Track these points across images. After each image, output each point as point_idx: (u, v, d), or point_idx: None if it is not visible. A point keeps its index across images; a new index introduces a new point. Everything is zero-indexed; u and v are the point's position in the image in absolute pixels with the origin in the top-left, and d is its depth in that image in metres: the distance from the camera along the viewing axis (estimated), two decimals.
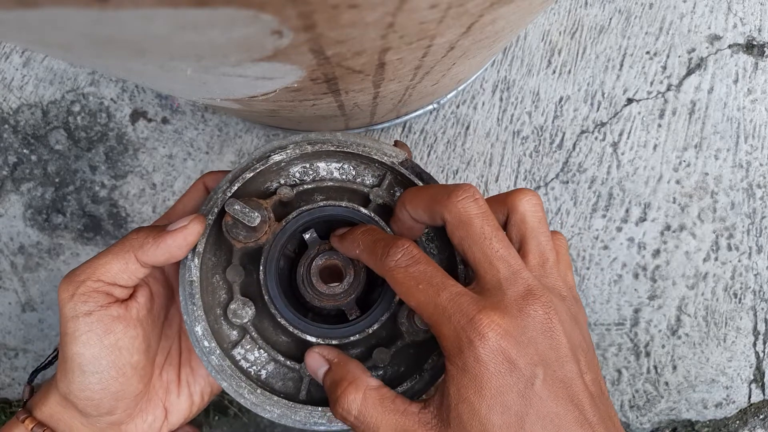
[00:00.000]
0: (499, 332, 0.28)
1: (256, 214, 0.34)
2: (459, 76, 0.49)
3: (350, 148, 0.36)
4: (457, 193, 0.31)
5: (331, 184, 0.38)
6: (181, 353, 0.40)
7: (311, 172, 0.38)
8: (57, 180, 0.63)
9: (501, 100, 0.63)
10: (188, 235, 0.33)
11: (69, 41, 0.22)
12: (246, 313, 0.36)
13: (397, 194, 0.39)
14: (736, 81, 0.64)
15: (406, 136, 0.63)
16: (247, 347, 0.37)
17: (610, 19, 0.64)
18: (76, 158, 0.63)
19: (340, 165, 0.38)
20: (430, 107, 0.62)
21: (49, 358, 0.40)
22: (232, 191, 0.35)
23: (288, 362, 0.36)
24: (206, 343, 0.35)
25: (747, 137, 0.64)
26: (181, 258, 0.34)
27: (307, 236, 0.38)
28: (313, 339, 0.36)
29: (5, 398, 0.65)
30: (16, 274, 0.64)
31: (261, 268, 0.36)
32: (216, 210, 0.35)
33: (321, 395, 0.37)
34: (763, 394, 0.65)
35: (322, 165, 0.38)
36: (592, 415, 0.28)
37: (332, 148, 0.36)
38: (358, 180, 0.38)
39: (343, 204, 0.36)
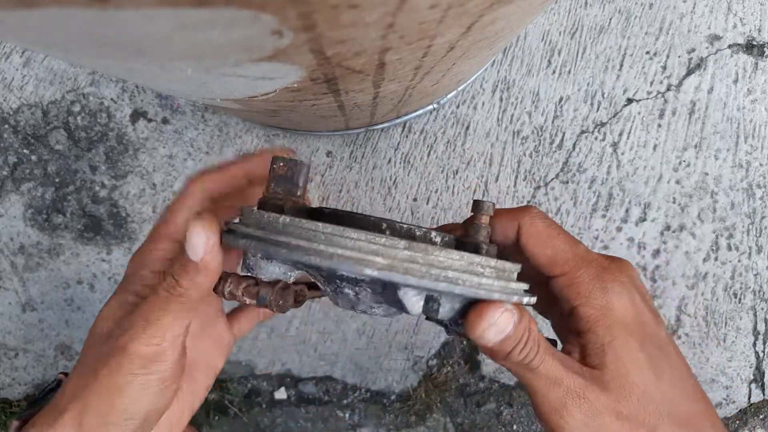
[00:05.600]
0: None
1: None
2: (459, 76, 0.49)
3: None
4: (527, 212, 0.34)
5: None
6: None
7: None
8: (57, 180, 0.63)
9: (501, 100, 0.63)
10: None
11: (69, 41, 0.22)
12: None
13: None
14: (735, 81, 0.64)
15: (406, 136, 0.63)
16: None
17: (610, 19, 0.64)
18: (76, 158, 0.63)
19: None
20: (430, 107, 0.62)
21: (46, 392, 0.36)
22: None
23: None
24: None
25: (747, 137, 0.64)
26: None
27: None
28: None
29: (5, 398, 0.65)
30: (16, 274, 0.64)
31: None
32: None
33: None
34: (763, 394, 0.65)
35: None
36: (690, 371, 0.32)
37: None
38: None
39: None
